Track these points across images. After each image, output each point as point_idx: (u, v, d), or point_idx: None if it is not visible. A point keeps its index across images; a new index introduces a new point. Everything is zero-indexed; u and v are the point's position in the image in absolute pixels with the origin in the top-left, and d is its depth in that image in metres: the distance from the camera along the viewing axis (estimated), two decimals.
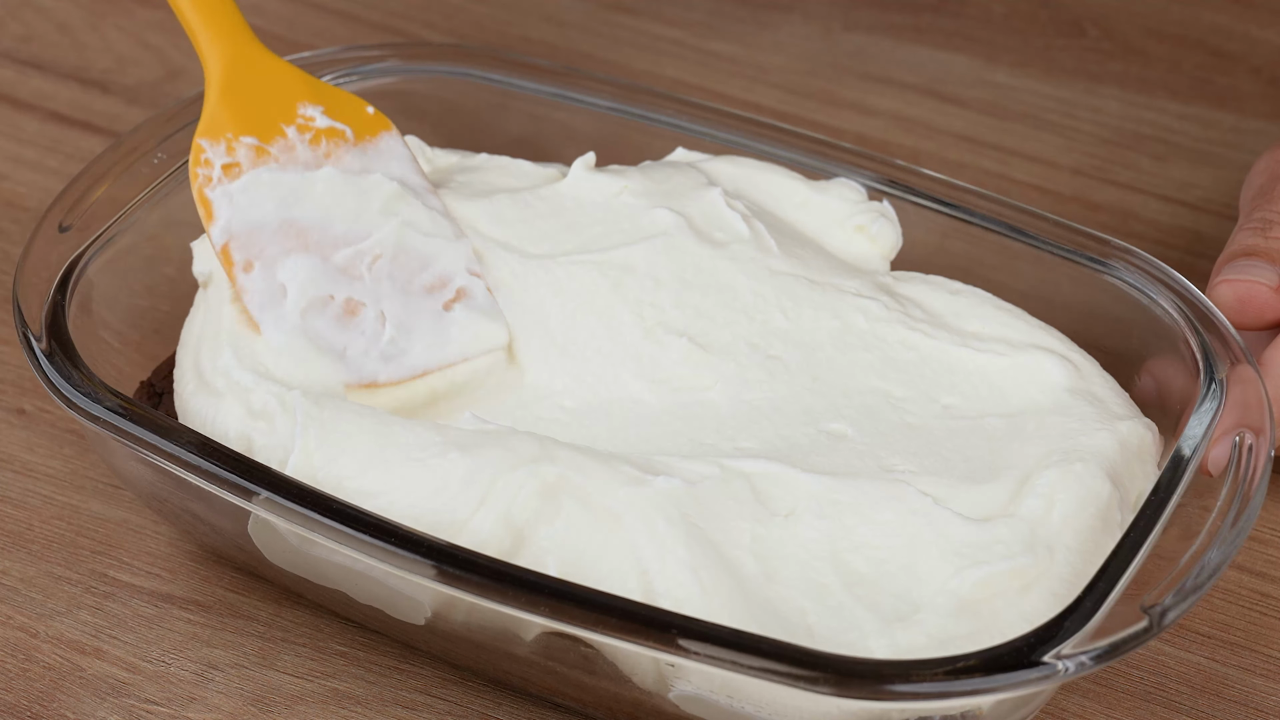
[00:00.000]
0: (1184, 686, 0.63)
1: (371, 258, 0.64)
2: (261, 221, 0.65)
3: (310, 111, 0.67)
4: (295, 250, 0.64)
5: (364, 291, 0.64)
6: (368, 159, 0.67)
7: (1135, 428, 0.62)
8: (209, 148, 0.66)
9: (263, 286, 0.64)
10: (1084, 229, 0.68)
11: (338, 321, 0.63)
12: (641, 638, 0.53)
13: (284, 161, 0.66)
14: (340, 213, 0.65)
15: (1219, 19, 0.94)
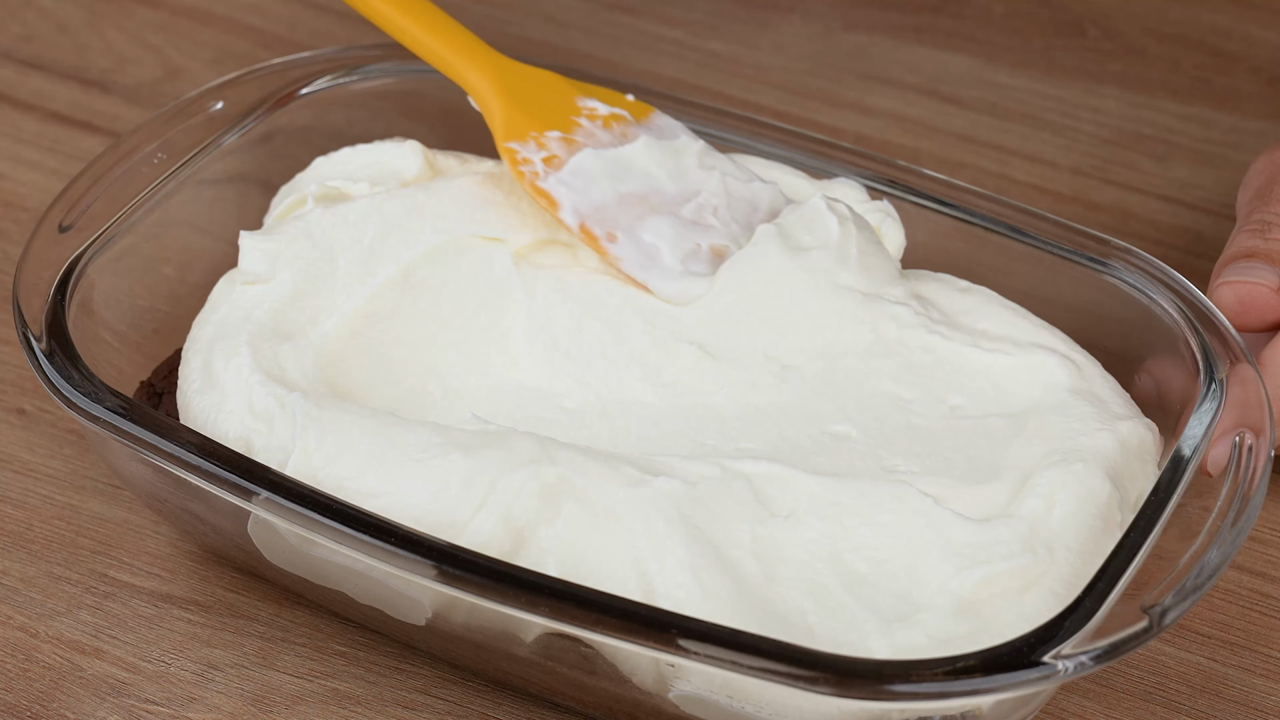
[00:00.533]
0: (1184, 686, 0.63)
1: (712, 208, 0.68)
2: (602, 198, 0.68)
3: (589, 103, 0.70)
4: (647, 214, 0.67)
5: (721, 235, 0.67)
6: (655, 132, 0.70)
7: (1136, 428, 0.62)
8: (520, 148, 0.68)
9: (635, 251, 0.66)
10: (1084, 229, 0.68)
11: (712, 264, 0.66)
12: (641, 638, 0.53)
13: (593, 145, 0.69)
14: (666, 175, 0.68)
15: (1219, 19, 0.94)
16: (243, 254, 0.65)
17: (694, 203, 0.68)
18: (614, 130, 0.70)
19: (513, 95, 0.70)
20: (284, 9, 0.94)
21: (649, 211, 0.67)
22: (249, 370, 0.61)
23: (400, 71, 0.75)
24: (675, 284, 0.65)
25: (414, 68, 0.75)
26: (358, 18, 0.93)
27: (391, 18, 0.71)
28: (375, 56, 0.75)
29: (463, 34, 0.71)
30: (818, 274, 0.65)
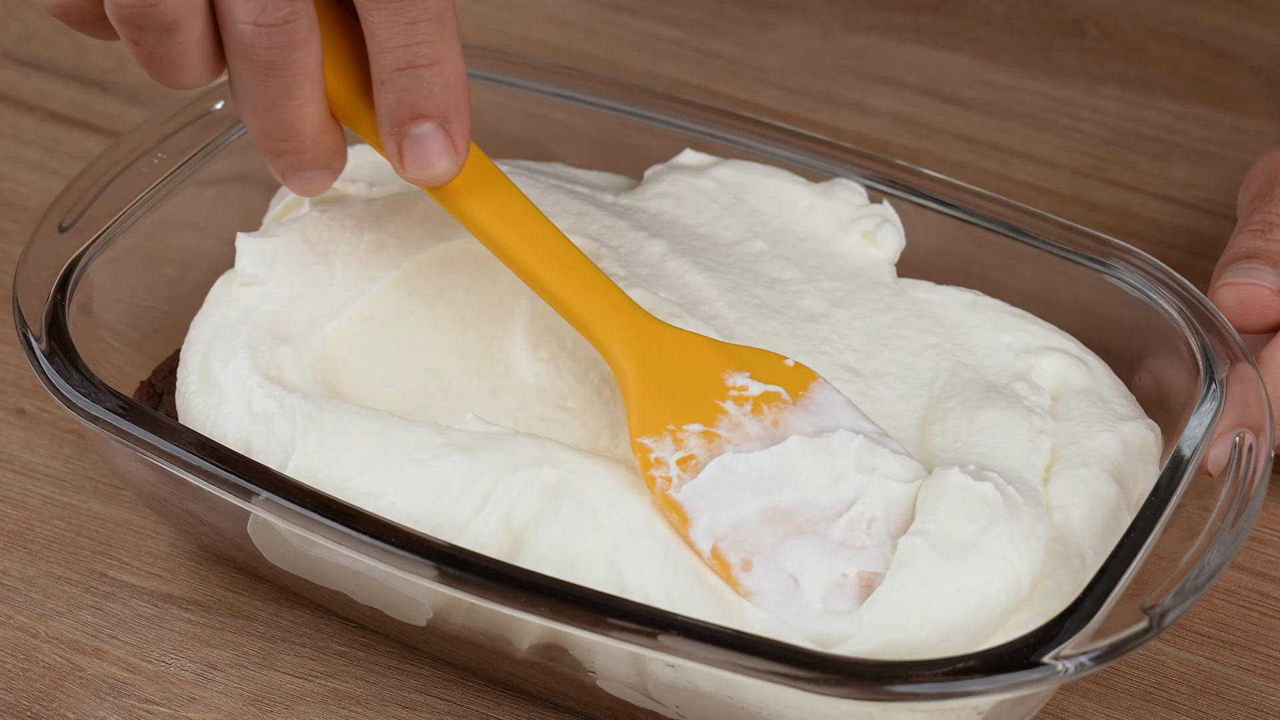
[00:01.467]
0: (1184, 686, 0.63)
1: (867, 522, 0.58)
2: (744, 514, 0.58)
3: (739, 380, 0.60)
4: (790, 535, 0.58)
5: (873, 560, 0.57)
6: (812, 416, 0.60)
7: (1139, 428, 0.62)
8: (654, 445, 0.59)
9: (772, 583, 0.57)
10: (1084, 229, 0.68)
11: (860, 596, 0.57)
12: (642, 638, 0.53)
13: (737, 440, 0.59)
14: (817, 482, 0.59)
15: (1219, 19, 0.94)
16: (239, 256, 0.65)
17: (847, 517, 0.58)
18: (764, 417, 0.60)
19: (654, 375, 0.60)
20: None
21: (794, 531, 0.58)
22: (248, 372, 0.61)
23: None
24: (816, 626, 0.55)
25: None
26: None
27: (524, 261, 0.61)
28: None
29: (605, 289, 0.61)
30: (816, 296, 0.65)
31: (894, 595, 0.55)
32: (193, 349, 0.64)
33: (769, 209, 0.70)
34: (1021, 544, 0.56)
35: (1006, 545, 0.56)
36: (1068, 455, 0.61)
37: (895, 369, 0.64)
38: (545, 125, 0.75)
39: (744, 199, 0.70)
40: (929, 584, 0.55)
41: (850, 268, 0.68)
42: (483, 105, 0.75)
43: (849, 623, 0.55)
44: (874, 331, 0.66)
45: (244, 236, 0.65)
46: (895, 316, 0.66)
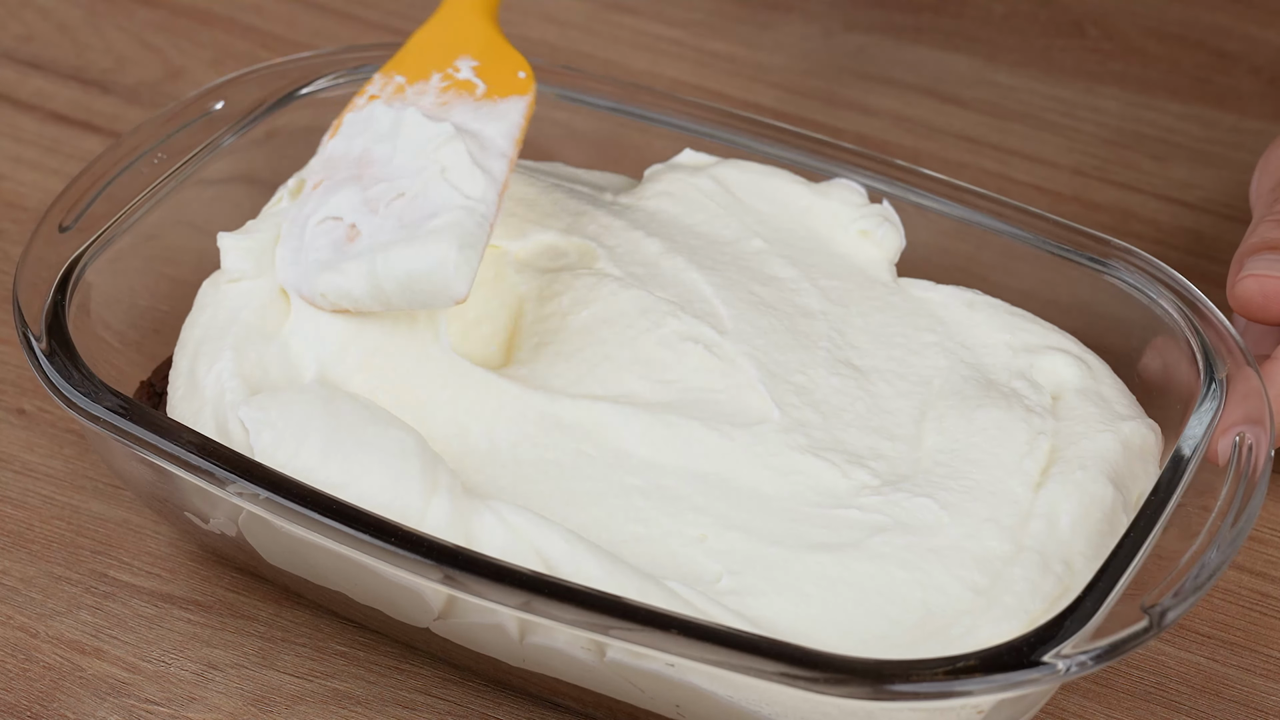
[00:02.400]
0: (1184, 686, 0.63)
1: (394, 195, 0.63)
2: (349, 150, 0.65)
3: (462, 63, 0.67)
4: (351, 180, 0.64)
5: (368, 224, 0.63)
6: (478, 114, 0.66)
7: (1138, 428, 0.62)
8: (378, 80, 0.67)
9: (309, 206, 0.64)
10: (1084, 229, 0.68)
11: (333, 243, 0.63)
12: (642, 638, 0.53)
13: (408, 101, 0.66)
14: (402, 152, 0.64)
15: (1219, 19, 0.94)
16: (225, 254, 0.65)
17: (387, 184, 0.64)
18: (443, 96, 0.66)
19: (429, 36, 0.68)
20: (284, 9, 0.94)
21: (355, 177, 0.64)
22: (228, 375, 0.61)
23: None
24: (286, 246, 0.63)
25: None
26: (358, 18, 0.93)
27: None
28: (375, 56, 0.75)
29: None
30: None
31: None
32: (183, 351, 0.64)
33: (768, 208, 0.70)
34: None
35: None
36: (1066, 457, 0.61)
37: (894, 366, 0.64)
38: (545, 125, 0.75)
39: (743, 198, 0.70)
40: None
41: (849, 267, 0.68)
42: None
43: (308, 279, 0.62)
44: (873, 329, 0.66)
45: (226, 235, 0.66)
46: (894, 314, 0.66)
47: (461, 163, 0.63)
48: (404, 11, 0.93)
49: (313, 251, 0.63)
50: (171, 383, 0.63)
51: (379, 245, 0.61)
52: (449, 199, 0.62)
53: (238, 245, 0.65)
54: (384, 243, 0.61)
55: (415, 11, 0.93)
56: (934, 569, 0.58)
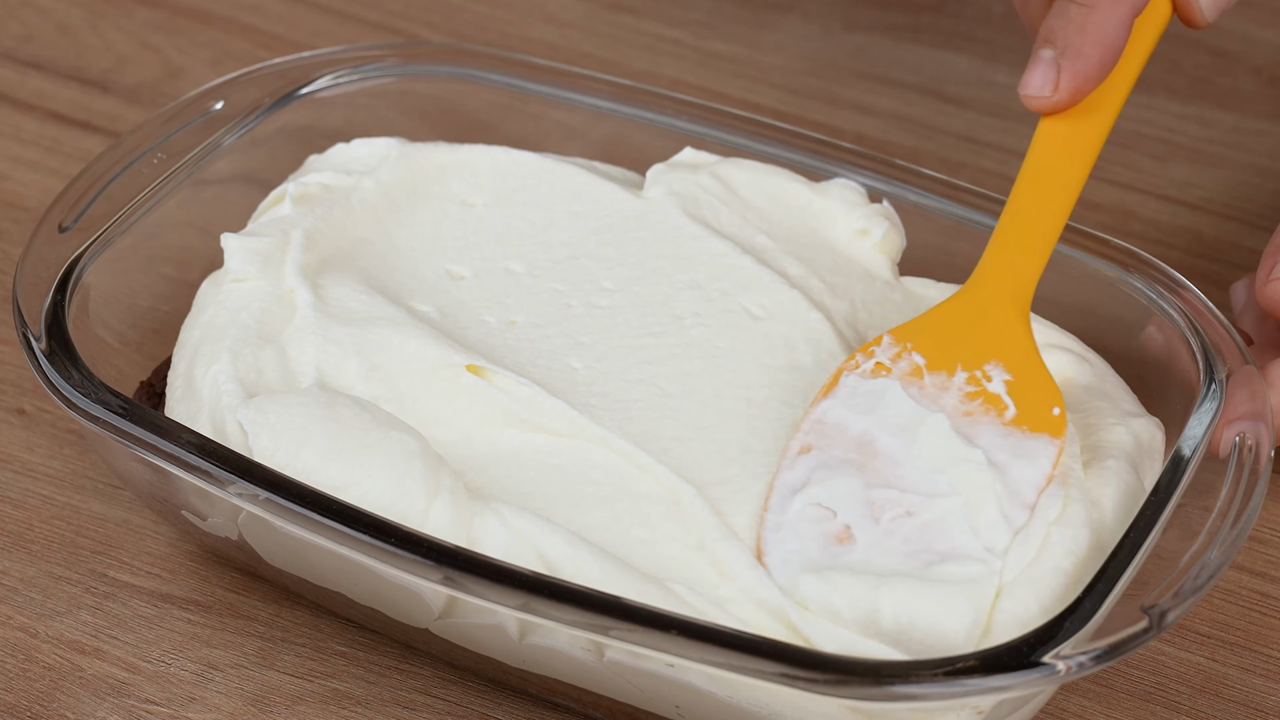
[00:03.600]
0: (1184, 686, 0.63)
1: (902, 510, 0.58)
2: (849, 425, 0.59)
3: (993, 371, 0.61)
4: (852, 465, 0.58)
5: (866, 533, 0.57)
6: (1005, 443, 0.59)
7: (1147, 425, 0.63)
8: (886, 343, 0.62)
9: (795, 476, 0.59)
10: (1084, 229, 0.68)
11: (822, 538, 0.57)
12: (641, 638, 0.53)
13: (926, 392, 0.60)
14: (920, 459, 0.59)
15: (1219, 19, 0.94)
16: (229, 255, 0.65)
17: (895, 493, 0.57)
18: (967, 405, 0.60)
19: (961, 316, 0.62)
20: (284, 9, 0.93)
21: (857, 464, 0.58)
22: (225, 378, 0.61)
23: (400, 71, 0.75)
24: (774, 521, 0.58)
25: (414, 68, 0.75)
26: (358, 18, 0.93)
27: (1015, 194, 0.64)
28: (375, 56, 0.75)
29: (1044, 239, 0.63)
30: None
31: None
32: (182, 352, 0.64)
33: (769, 206, 0.70)
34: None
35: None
36: (1090, 446, 0.61)
37: None
38: (545, 125, 0.75)
39: (744, 195, 0.70)
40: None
41: (851, 264, 0.68)
42: (483, 105, 0.75)
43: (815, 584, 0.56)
44: (879, 325, 0.66)
45: (230, 236, 0.66)
46: (895, 309, 0.66)
47: (989, 506, 0.57)
48: (404, 12, 0.93)
49: (795, 537, 0.57)
50: (170, 384, 0.63)
51: (882, 568, 0.56)
52: (966, 545, 0.57)
53: (243, 247, 0.65)
54: (889, 569, 0.56)
55: (415, 12, 0.93)
56: (1014, 598, 0.56)
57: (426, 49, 0.77)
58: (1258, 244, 0.79)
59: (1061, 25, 0.62)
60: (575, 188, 0.70)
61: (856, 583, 0.55)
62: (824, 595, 0.55)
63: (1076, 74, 0.62)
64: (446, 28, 0.93)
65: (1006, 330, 0.62)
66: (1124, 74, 0.64)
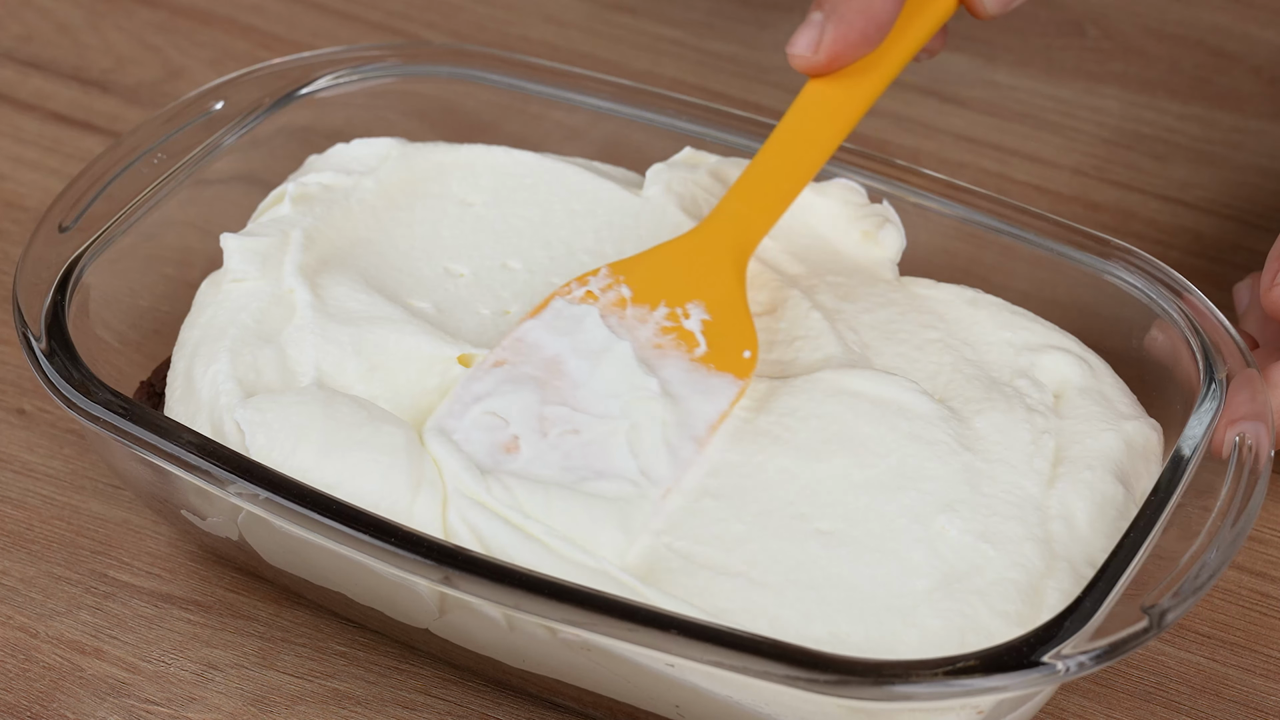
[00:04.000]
0: (1184, 686, 0.63)
1: (570, 428, 0.60)
2: (545, 346, 0.62)
3: (693, 309, 0.63)
4: (536, 383, 0.60)
5: (532, 445, 0.59)
6: (688, 379, 0.61)
7: (1141, 428, 0.63)
8: (602, 274, 0.64)
9: (481, 386, 0.61)
10: (1084, 229, 0.68)
11: (490, 445, 0.59)
12: (641, 637, 0.53)
13: (623, 321, 0.62)
14: (599, 383, 0.61)
15: (1219, 19, 0.94)
16: (229, 255, 0.65)
17: (569, 412, 0.60)
18: (661, 339, 0.62)
19: (678, 255, 0.64)
20: (284, 9, 0.94)
21: (540, 382, 0.61)
22: (223, 378, 0.61)
23: (400, 71, 0.75)
24: (448, 423, 0.59)
25: (414, 68, 0.75)
26: (358, 18, 0.93)
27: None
28: (375, 56, 0.75)
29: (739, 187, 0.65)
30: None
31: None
32: (181, 352, 0.64)
33: None
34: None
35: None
36: (1072, 457, 0.61)
37: (901, 363, 0.64)
38: (545, 125, 0.75)
39: None
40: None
41: (852, 265, 0.68)
42: (483, 105, 0.75)
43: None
44: (878, 325, 0.66)
45: (230, 236, 0.66)
46: (897, 311, 0.66)
47: (652, 432, 0.59)
48: (404, 12, 0.93)
49: (469, 441, 0.59)
50: (169, 384, 0.63)
51: (539, 479, 0.58)
52: (625, 467, 0.59)
53: (242, 247, 0.65)
54: (545, 480, 0.58)
55: (415, 12, 0.93)
56: (979, 613, 0.57)
57: (426, 49, 0.77)
58: (1258, 244, 0.79)
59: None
60: (574, 187, 0.71)
61: (519, 485, 0.58)
62: (479, 488, 0.58)
63: (838, 39, 0.64)
64: (446, 28, 0.93)
65: (718, 275, 0.64)
66: (894, 51, 0.66)
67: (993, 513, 0.59)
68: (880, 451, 0.60)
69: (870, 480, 0.59)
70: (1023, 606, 0.56)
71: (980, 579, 0.57)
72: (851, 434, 0.61)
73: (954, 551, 0.58)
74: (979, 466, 0.60)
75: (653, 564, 0.57)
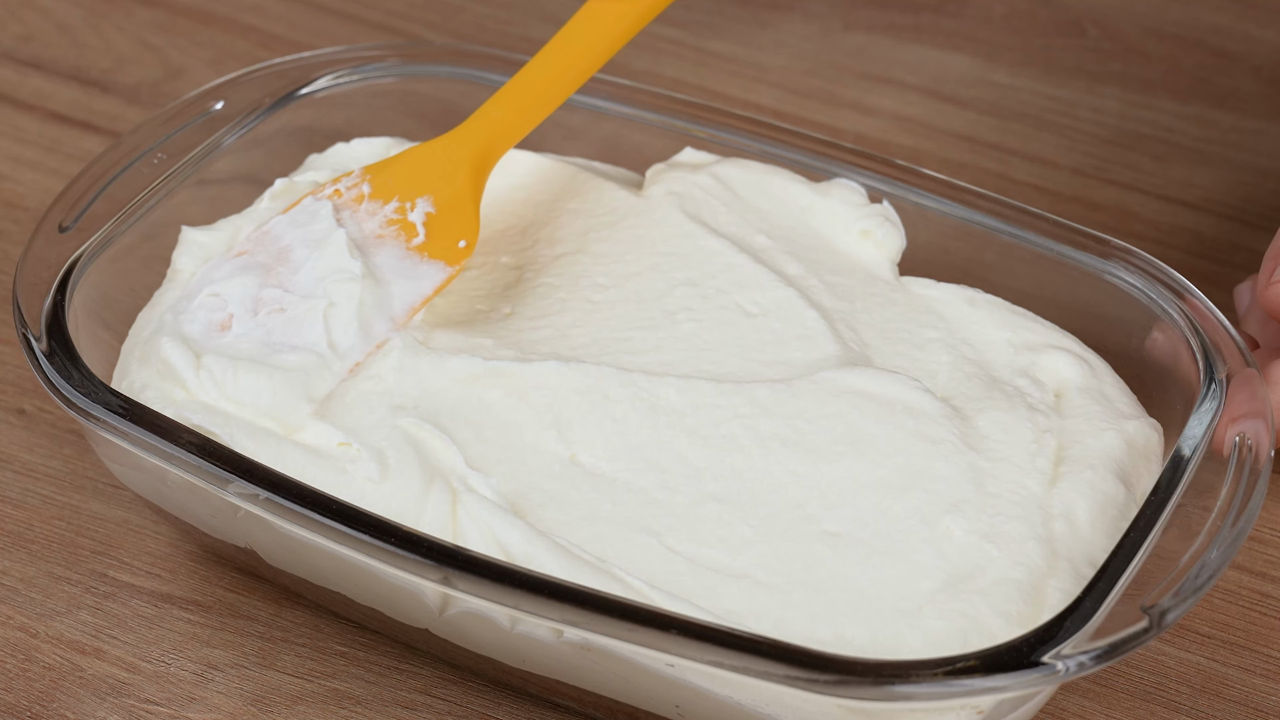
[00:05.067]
0: (1184, 686, 0.63)
1: (277, 307, 0.64)
2: (283, 235, 0.65)
3: (421, 203, 0.66)
4: (262, 269, 0.64)
5: (242, 323, 0.63)
6: (401, 264, 0.65)
7: (1142, 427, 0.63)
8: (354, 176, 0.67)
9: (217, 273, 0.64)
10: (1084, 229, 0.68)
11: (207, 324, 0.63)
12: (641, 637, 0.53)
13: (355, 215, 0.66)
14: (313, 267, 0.64)
15: (1219, 19, 0.94)
16: (181, 247, 0.68)
17: (279, 292, 0.64)
18: (383, 229, 0.66)
19: (421, 155, 0.67)
20: (284, 9, 0.94)
21: (266, 265, 0.65)
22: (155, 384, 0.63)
23: (400, 71, 0.75)
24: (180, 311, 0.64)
25: (414, 68, 0.75)
26: (358, 18, 0.93)
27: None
28: (375, 56, 0.75)
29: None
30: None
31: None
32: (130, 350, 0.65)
33: (769, 206, 0.70)
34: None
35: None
36: (1073, 456, 0.61)
37: (901, 361, 0.64)
38: (545, 125, 0.75)
39: (744, 195, 0.70)
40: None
41: (852, 265, 0.68)
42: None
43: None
44: (878, 325, 0.66)
45: (189, 229, 0.68)
46: (897, 310, 0.66)
47: (347, 310, 0.63)
48: (404, 12, 0.93)
49: (189, 321, 0.63)
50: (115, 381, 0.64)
51: (240, 352, 0.62)
52: (315, 340, 0.63)
53: (191, 239, 0.68)
54: (245, 354, 0.62)
55: (415, 12, 0.93)
56: (981, 613, 0.57)
57: (426, 49, 0.77)
58: (1258, 244, 0.79)
59: None
60: (574, 186, 0.71)
61: (215, 362, 0.61)
62: (184, 363, 0.62)
63: None
64: (446, 28, 0.93)
65: (454, 172, 0.66)
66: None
67: (997, 512, 0.59)
68: (888, 451, 0.60)
69: (878, 480, 0.59)
70: (1025, 606, 0.56)
71: (983, 579, 0.57)
72: (859, 434, 0.61)
73: (959, 552, 0.58)
74: (983, 465, 0.60)
75: (516, 499, 0.59)
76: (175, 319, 0.63)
